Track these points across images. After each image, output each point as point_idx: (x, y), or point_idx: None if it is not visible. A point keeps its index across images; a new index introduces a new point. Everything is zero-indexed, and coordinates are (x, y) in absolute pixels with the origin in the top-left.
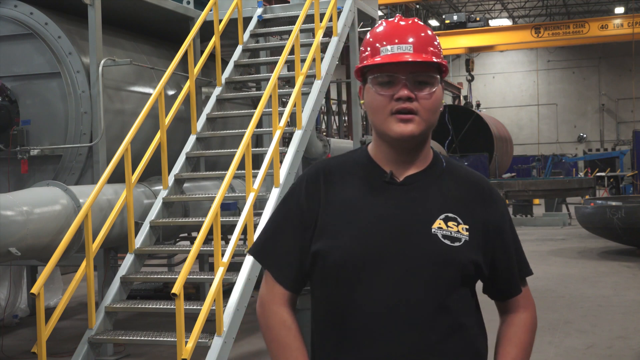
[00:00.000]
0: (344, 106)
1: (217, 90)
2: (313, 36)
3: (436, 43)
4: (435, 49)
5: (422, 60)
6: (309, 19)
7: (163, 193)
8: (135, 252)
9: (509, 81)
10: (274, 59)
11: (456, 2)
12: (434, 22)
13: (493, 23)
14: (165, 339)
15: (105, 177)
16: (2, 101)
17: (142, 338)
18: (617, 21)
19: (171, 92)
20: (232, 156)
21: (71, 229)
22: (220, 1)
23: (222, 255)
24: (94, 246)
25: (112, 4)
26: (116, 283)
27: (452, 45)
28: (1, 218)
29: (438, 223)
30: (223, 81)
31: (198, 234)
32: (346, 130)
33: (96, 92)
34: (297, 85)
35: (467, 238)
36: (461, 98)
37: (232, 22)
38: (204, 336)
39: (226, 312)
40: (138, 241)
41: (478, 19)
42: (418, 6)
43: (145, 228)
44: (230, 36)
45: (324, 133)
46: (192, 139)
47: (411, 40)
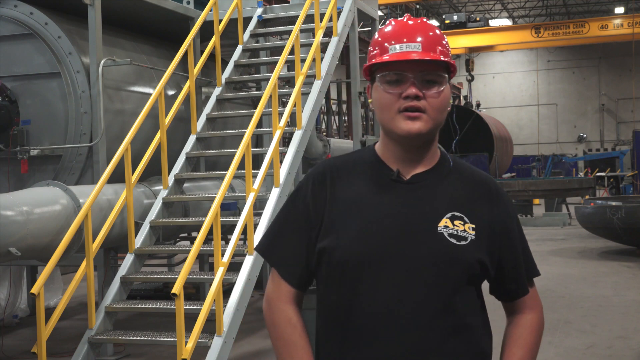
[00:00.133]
0: (344, 106)
1: (217, 90)
2: (313, 36)
3: (444, 42)
4: (443, 48)
5: (431, 58)
6: (309, 19)
7: (163, 193)
8: (135, 252)
9: (509, 81)
10: (274, 59)
11: (456, 2)
12: (434, 22)
13: (493, 23)
14: (165, 339)
15: (105, 177)
16: (2, 101)
17: (142, 338)
18: (617, 21)
19: (171, 92)
20: (232, 156)
21: (71, 229)
22: (220, 1)
23: (222, 255)
24: (94, 246)
25: (112, 4)
26: (116, 283)
27: (452, 45)
28: (1, 218)
29: (444, 222)
30: (223, 81)
31: (198, 234)
32: (346, 130)
33: (96, 92)
34: (297, 85)
35: (474, 237)
36: (461, 98)
37: (232, 22)
38: (204, 336)
39: (226, 312)
40: (138, 241)
41: (478, 19)
42: (418, 6)
43: (145, 228)
44: (230, 36)
45: (324, 133)
46: (192, 139)
47: (420, 39)
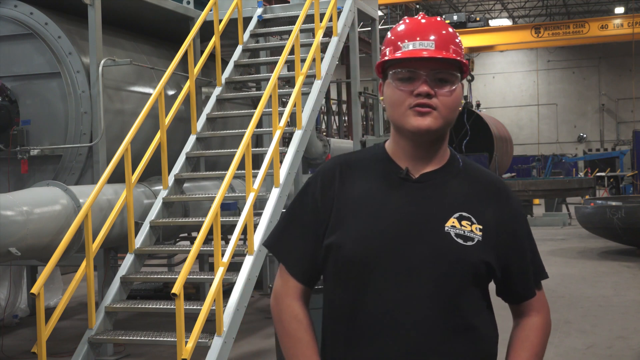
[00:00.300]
0: (344, 106)
1: (217, 90)
2: (313, 36)
3: (457, 41)
4: (456, 47)
5: (443, 57)
6: (309, 19)
7: (163, 193)
8: (135, 252)
9: (509, 81)
10: (274, 59)
11: (456, 2)
12: None
13: (493, 23)
14: (165, 339)
15: (105, 177)
16: (2, 101)
17: (142, 338)
18: (617, 21)
19: (171, 92)
20: (232, 156)
21: (71, 229)
22: (220, 1)
23: (222, 255)
24: (94, 246)
25: (112, 4)
26: (116, 283)
27: None
28: (1, 218)
29: (452, 221)
30: (223, 81)
31: (198, 234)
32: (346, 130)
33: (96, 92)
34: (297, 85)
35: (480, 238)
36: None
37: (232, 22)
38: (204, 336)
39: (226, 312)
40: (138, 241)
41: (478, 19)
42: (418, 6)
43: (145, 228)
44: (230, 36)
45: (324, 133)
46: (192, 139)
47: (433, 37)
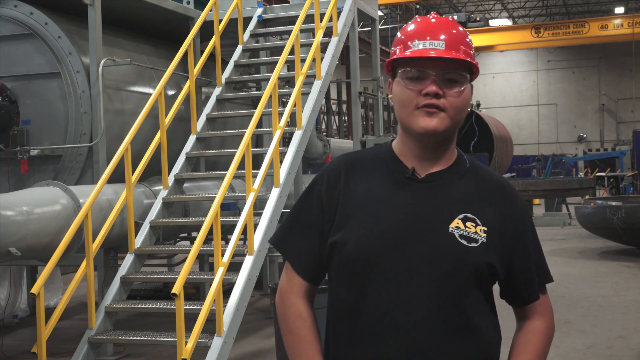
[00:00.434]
0: (344, 106)
1: (217, 90)
2: (313, 36)
3: (468, 41)
4: (467, 48)
5: (453, 57)
6: (309, 19)
7: (163, 193)
8: (135, 252)
9: (509, 81)
10: (274, 59)
11: (456, 2)
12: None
13: (493, 23)
14: (165, 339)
15: (105, 177)
16: (2, 101)
17: (142, 338)
18: (617, 21)
19: (171, 92)
20: (232, 156)
21: (71, 229)
22: (220, 1)
23: (222, 255)
24: (94, 246)
25: (112, 4)
26: (116, 283)
27: None
28: (1, 218)
29: (456, 222)
30: (223, 81)
31: (198, 234)
32: (346, 130)
33: (96, 92)
34: (297, 85)
35: (485, 240)
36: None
37: (232, 22)
38: (204, 336)
39: (226, 312)
40: (138, 241)
41: (478, 19)
42: (418, 6)
43: (145, 228)
44: (230, 36)
45: (324, 133)
46: (192, 139)
47: (443, 37)
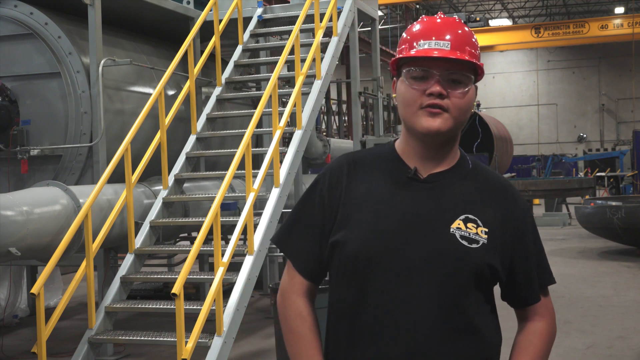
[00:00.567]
0: (344, 106)
1: (217, 90)
2: (313, 36)
3: (474, 41)
4: (472, 49)
5: (457, 58)
6: (309, 19)
7: (163, 193)
8: (135, 252)
9: (509, 81)
10: (274, 59)
11: (456, 2)
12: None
13: (493, 23)
14: (165, 339)
15: (105, 177)
16: (2, 101)
17: (142, 338)
18: (617, 21)
19: (171, 92)
20: (232, 156)
21: (71, 229)
22: (220, 1)
23: (222, 255)
24: (94, 246)
25: (112, 4)
26: (116, 283)
27: None
28: (1, 218)
29: (457, 223)
30: (223, 81)
31: (198, 234)
32: (346, 130)
33: (96, 92)
34: (297, 85)
35: (485, 241)
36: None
37: (232, 22)
38: (204, 336)
39: (226, 312)
40: (138, 241)
41: (478, 19)
42: (418, 6)
43: (145, 228)
44: (230, 36)
45: (324, 133)
46: (192, 139)
47: (448, 37)
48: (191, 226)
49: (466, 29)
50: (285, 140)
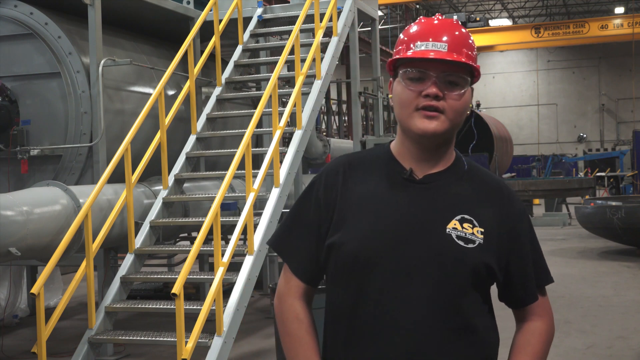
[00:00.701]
0: (344, 106)
1: (217, 90)
2: (313, 36)
3: (471, 42)
4: (469, 51)
5: (454, 60)
6: (309, 19)
7: (163, 193)
8: (135, 252)
9: (509, 81)
10: (274, 59)
11: (456, 2)
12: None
13: (493, 23)
14: (165, 339)
15: (105, 177)
16: (2, 101)
17: (142, 338)
18: (617, 21)
19: (171, 92)
20: (232, 156)
21: (71, 229)
22: (220, 1)
23: (222, 255)
24: (94, 246)
25: (112, 4)
26: (116, 283)
27: None
28: (1, 218)
29: (453, 223)
30: (223, 81)
31: (198, 234)
32: (346, 130)
33: (96, 92)
34: (297, 85)
35: (482, 241)
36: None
37: (232, 22)
38: (204, 336)
39: (226, 312)
40: (138, 241)
41: (478, 19)
42: (418, 6)
43: (145, 228)
44: (230, 36)
45: (324, 133)
46: (192, 139)
47: (445, 39)
48: (191, 226)
49: (463, 31)
50: (285, 140)
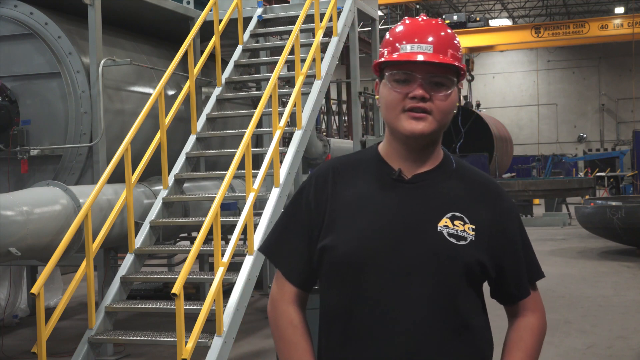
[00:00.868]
0: (344, 106)
1: (217, 90)
2: (313, 36)
3: (456, 43)
4: (454, 51)
5: (440, 61)
6: (309, 19)
7: (163, 193)
8: (135, 252)
9: (509, 81)
10: (274, 59)
11: (456, 2)
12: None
13: (493, 23)
14: (165, 339)
15: (105, 177)
16: (2, 101)
17: (142, 338)
18: (617, 21)
19: (171, 92)
20: (232, 156)
21: (71, 229)
22: (220, 1)
23: (222, 255)
24: (94, 246)
25: (112, 4)
26: (116, 283)
27: None
28: (1, 218)
29: (444, 221)
30: (223, 81)
31: (198, 234)
32: (346, 130)
33: (96, 92)
34: (297, 85)
35: (473, 238)
36: (461, 98)
37: (232, 22)
38: (204, 336)
39: (226, 312)
40: (138, 241)
41: (478, 19)
42: (418, 6)
43: (145, 228)
44: (230, 36)
45: (324, 133)
46: (192, 139)
47: (431, 39)
48: (191, 226)
49: (449, 31)
50: (285, 140)
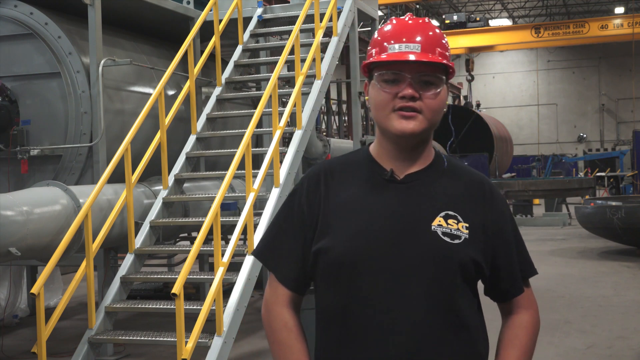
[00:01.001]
0: (344, 106)
1: (217, 90)
2: (313, 36)
3: (444, 43)
4: (443, 50)
5: (428, 60)
6: (309, 19)
7: (163, 193)
8: (135, 252)
9: (509, 81)
10: (274, 59)
11: (456, 2)
12: (434, 22)
13: (493, 23)
14: (165, 339)
15: (105, 177)
16: (2, 101)
17: (142, 338)
18: (617, 21)
19: (171, 92)
20: (232, 156)
21: (71, 229)
22: (220, 1)
23: (222, 255)
24: (94, 246)
25: (112, 4)
26: (116, 283)
27: (452, 45)
28: (1, 218)
29: (438, 220)
30: (223, 81)
31: (198, 234)
32: (346, 130)
33: (96, 92)
34: (297, 85)
35: (467, 236)
36: (461, 98)
37: (232, 22)
38: (204, 336)
39: (226, 312)
40: (138, 241)
41: (478, 19)
42: (418, 6)
43: (145, 228)
44: (230, 36)
45: (324, 133)
46: (192, 139)
47: (419, 39)
48: (191, 226)
49: (437, 31)
50: (285, 140)
